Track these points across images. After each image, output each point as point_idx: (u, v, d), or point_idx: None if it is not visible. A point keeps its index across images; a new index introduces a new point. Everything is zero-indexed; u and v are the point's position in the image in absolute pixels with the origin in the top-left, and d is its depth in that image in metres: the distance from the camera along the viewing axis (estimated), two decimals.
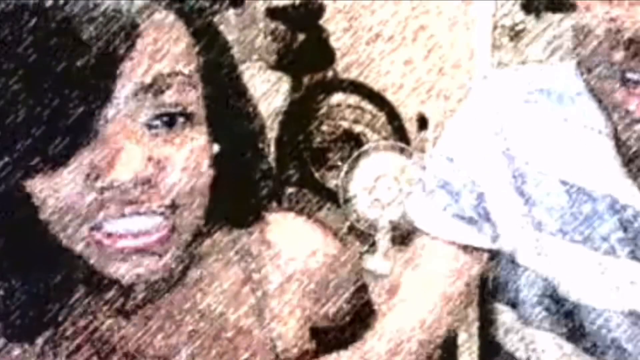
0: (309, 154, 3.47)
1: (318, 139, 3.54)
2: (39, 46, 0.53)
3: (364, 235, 3.02)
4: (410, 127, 3.37)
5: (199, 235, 0.63)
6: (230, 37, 0.67)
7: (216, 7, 0.64)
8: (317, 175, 3.48)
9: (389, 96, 3.39)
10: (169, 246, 0.59)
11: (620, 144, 0.80)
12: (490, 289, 0.96)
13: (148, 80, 0.55)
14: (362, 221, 3.06)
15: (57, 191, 0.55)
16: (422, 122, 3.33)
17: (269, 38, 3.46)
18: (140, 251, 0.58)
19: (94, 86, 0.53)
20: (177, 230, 0.59)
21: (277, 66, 3.42)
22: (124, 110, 0.55)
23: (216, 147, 0.62)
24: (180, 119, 0.57)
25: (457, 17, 3.18)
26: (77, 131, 0.54)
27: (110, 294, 0.67)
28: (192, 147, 0.58)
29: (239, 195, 0.69)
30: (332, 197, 3.26)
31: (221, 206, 0.65)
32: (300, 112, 3.43)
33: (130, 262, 0.58)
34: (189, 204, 0.59)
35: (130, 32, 0.54)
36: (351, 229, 3.02)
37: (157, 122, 0.56)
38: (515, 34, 3.04)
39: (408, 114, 3.37)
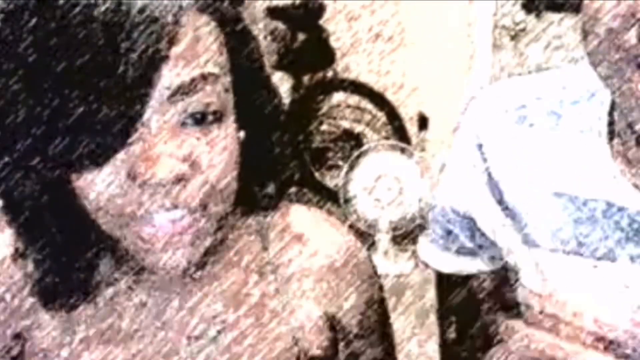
0: (309, 154, 3.47)
1: (318, 139, 3.55)
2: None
3: (364, 235, 3.02)
4: (411, 127, 3.37)
5: (223, 219, 0.66)
6: None
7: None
8: (317, 175, 3.49)
9: (389, 96, 3.39)
10: (201, 240, 0.63)
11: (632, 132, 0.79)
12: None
13: (183, 82, 0.57)
14: (362, 221, 3.06)
15: (98, 187, 0.59)
16: (422, 122, 3.33)
17: (269, 38, 3.46)
18: (175, 244, 0.61)
19: (133, 90, 0.55)
20: (209, 223, 0.63)
21: (278, 66, 3.42)
22: (159, 110, 0.57)
23: (242, 134, 0.65)
24: (211, 116, 0.60)
25: (457, 17, 3.18)
26: (117, 132, 0.56)
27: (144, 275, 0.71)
28: (223, 144, 0.61)
29: (261, 179, 0.72)
30: (332, 197, 3.26)
31: (244, 190, 0.67)
32: (300, 112, 3.44)
33: (165, 254, 0.62)
34: (220, 199, 0.62)
35: (168, 36, 0.56)
36: (351, 228, 3.01)
37: (189, 120, 0.59)
38: (516, 34, 3.04)
39: (408, 114, 3.38)
